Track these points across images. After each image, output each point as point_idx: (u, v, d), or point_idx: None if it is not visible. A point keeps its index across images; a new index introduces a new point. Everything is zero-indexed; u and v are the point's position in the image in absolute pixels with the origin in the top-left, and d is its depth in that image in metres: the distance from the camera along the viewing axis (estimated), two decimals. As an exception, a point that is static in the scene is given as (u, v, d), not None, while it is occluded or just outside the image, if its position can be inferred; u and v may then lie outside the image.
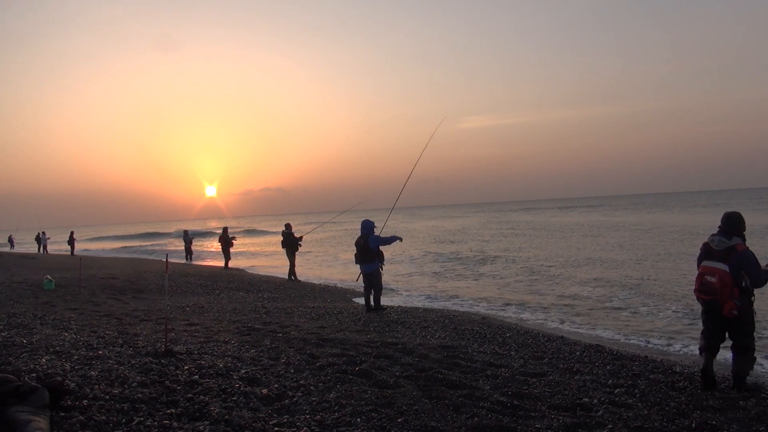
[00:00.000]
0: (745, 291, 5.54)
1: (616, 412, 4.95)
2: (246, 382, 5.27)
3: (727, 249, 5.60)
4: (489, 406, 4.96)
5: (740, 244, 5.60)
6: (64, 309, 10.65)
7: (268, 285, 16.97)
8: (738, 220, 5.73)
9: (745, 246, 5.62)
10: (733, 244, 5.59)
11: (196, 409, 4.43)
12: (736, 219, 5.73)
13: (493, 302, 14.13)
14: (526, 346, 7.93)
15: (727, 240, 5.63)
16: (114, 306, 11.72)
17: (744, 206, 57.14)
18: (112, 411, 4.25)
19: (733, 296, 5.49)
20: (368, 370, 5.97)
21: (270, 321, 9.57)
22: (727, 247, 5.60)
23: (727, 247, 5.60)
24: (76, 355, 5.97)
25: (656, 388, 5.78)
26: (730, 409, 5.15)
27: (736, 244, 5.59)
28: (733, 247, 5.58)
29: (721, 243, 5.65)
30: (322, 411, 4.62)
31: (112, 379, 5.07)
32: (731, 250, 5.57)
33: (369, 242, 10.99)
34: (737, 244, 5.59)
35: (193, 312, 11.00)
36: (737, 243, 5.60)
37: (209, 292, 15.17)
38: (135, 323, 8.88)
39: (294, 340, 7.53)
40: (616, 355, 7.50)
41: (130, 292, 14.50)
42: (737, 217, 5.75)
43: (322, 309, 11.49)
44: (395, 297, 15.37)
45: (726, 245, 5.61)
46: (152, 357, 6.05)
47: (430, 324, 9.63)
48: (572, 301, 13.67)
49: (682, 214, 58.92)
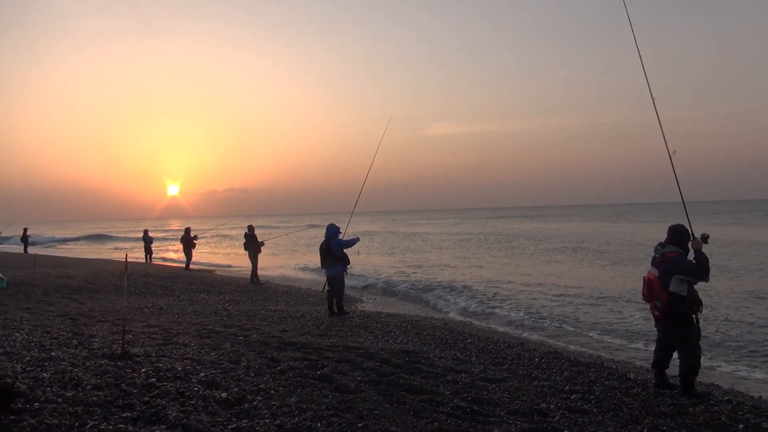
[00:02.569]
0: (674, 297, 5.83)
1: (572, 418, 5.06)
2: (205, 386, 5.20)
3: (660, 255, 6.06)
4: (449, 411, 5.01)
5: (671, 252, 5.99)
6: (15, 308, 10.32)
7: (230, 287, 16.76)
8: (679, 232, 6.12)
9: (677, 253, 5.97)
10: (665, 251, 6.03)
11: (152, 412, 4.36)
12: (677, 230, 6.14)
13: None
14: (487, 352, 8.04)
15: (661, 248, 6.09)
16: (69, 306, 11.40)
17: (720, 218, 59.16)
18: (65, 414, 4.14)
19: (660, 299, 5.89)
20: (329, 374, 5.96)
21: (231, 324, 9.46)
22: (660, 254, 6.06)
23: (660, 254, 6.06)
24: (27, 357, 5.79)
25: (611, 395, 5.93)
26: (680, 415, 5.33)
27: (667, 252, 6.01)
28: (663, 254, 6.02)
29: (657, 251, 6.14)
30: (282, 415, 4.60)
31: (65, 381, 4.95)
32: (662, 256, 6.03)
33: (332, 246, 11.00)
34: (668, 252, 6.00)
35: (152, 313, 10.78)
36: (668, 251, 6.00)
37: (169, 293, 14.89)
38: (91, 324, 8.66)
39: (255, 344, 7.46)
40: (573, 361, 7.67)
41: (87, 292, 14.11)
42: (676, 229, 6.17)
43: (284, 312, 11.40)
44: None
45: (660, 252, 6.08)
46: (108, 359, 5.91)
47: (393, 329, 9.66)
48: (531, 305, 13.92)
49: (645, 225, 60.56)
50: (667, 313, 5.87)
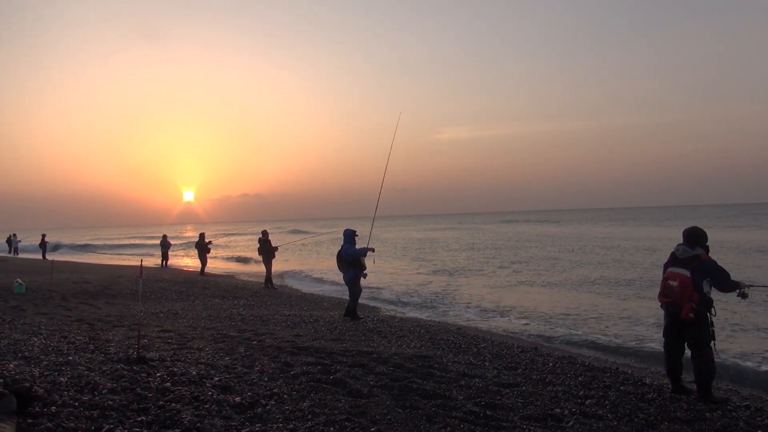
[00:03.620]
0: (704, 299, 5.78)
1: (586, 423, 5.02)
2: (219, 390, 5.24)
3: (691, 257, 5.94)
4: (462, 416, 4.99)
5: (704, 254, 5.94)
6: (34, 313, 10.46)
7: (244, 292, 16.84)
8: (699, 234, 6.07)
9: (708, 256, 5.95)
10: (697, 253, 5.93)
11: (167, 416, 4.39)
12: (697, 233, 6.08)
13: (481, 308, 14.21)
14: (501, 356, 8.00)
15: (690, 249, 5.98)
16: (86, 311, 11.53)
17: (736, 221, 58.43)
18: (82, 418, 4.19)
19: (692, 300, 5.76)
20: (342, 379, 5.97)
21: (245, 328, 9.51)
22: (691, 256, 5.94)
23: (691, 256, 5.94)
24: (45, 361, 5.87)
25: (626, 400, 5.87)
26: (696, 421, 5.26)
27: (700, 254, 5.92)
28: (697, 256, 5.92)
29: (685, 252, 6.00)
30: (295, 420, 4.61)
31: (81, 385, 5.00)
32: (695, 258, 5.91)
33: (342, 252, 11.14)
34: (701, 254, 5.93)
35: (167, 318, 10.87)
36: (701, 253, 5.94)
37: (184, 299, 15.00)
38: (107, 329, 8.76)
39: (269, 348, 7.50)
40: (588, 366, 7.61)
41: (103, 297, 14.26)
42: (698, 231, 6.11)
43: (298, 317, 11.44)
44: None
45: (690, 254, 5.96)
46: (124, 363, 5.97)
47: (406, 333, 9.65)
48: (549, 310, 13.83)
49: (661, 227, 59.93)
50: (698, 314, 5.78)
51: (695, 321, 5.79)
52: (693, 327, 5.85)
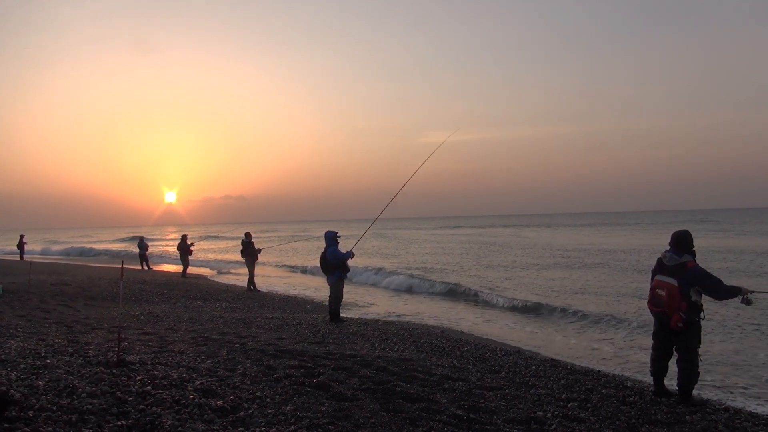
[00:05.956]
0: (693, 306, 5.79)
1: (569, 426, 5.06)
2: (201, 394, 5.18)
3: (678, 265, 5.89)
4: (445, 419, 4.99)
5: (691, 262, 5.90)
6: (11, 315, 10.27)
7: (226, 294, 16.72)
8: (685, 238, 6.04)
9: (695, 263, 5.91)
10: (684, 261, 5.88)
11: (147, 420, 4.33)
12: (683, 237, 6.04)
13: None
14: (484, 359, 8.03)
15: (678, 257, 5.93)
16: (65, 313, 11.35)
17: (711, 229, 59.25)
18: (60, 422, 4.12)
19: (680, 309, 5.76)
20: (326, 382, 5.94)
21: (227, 331, 9.42)
22: (678, 264, 5.89)
23: (678, 264, 5.89)
24: (22, 364, 5.76)
25: (608, 403, 5.93)
26: (677, 424, 5.33)
27: (687, 261, 5.88)
28: (684, 264, 5.87)
29: (672, 259, 5.95)
30: (277, 423, 4.58)
31: (60, 389, 4.92)
32: (682, 266, 5.86)
33: (327, 255, 11.08)
34: (688, 262, 5.88)
35: (148, 321, 10.74)
36: (688, 260, 5.89)
37: (165, 301, 14.84)
38: (86, 331, 8.62)
39: (251, 351, 7.44)
40: (570, 369, 7.66)
41: (82, 299, 14.06)
42: (685, 234, 6.06)
43: (281, 320, 11.38)
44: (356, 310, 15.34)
45: (677, 261, 5.91)
46: (103, 367, 5.88)
47: (390, 336, 9.64)
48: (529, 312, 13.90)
49: (641, 233, 60.65)
50: (688, 322, 5.78)
51: (685, 329, 5.83)
52: (682, 333, 5.88)
